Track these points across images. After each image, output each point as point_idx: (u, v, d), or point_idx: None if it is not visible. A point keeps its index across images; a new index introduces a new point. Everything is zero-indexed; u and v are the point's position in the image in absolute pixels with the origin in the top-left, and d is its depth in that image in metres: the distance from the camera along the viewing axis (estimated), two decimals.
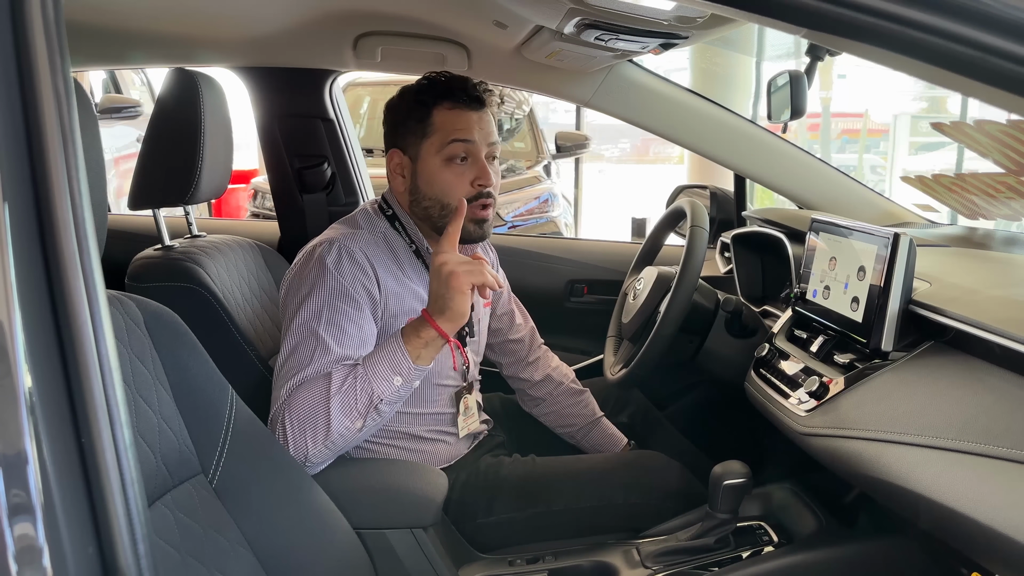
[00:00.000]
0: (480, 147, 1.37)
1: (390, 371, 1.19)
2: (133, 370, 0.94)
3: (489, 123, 1.40)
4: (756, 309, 1.66)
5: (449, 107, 1.36)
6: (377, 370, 1.19)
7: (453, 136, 1.35)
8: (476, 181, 1.36)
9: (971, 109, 5.39)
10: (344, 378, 1.19)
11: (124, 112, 4.05)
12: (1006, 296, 1.13)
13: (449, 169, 1.36)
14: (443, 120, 1.36)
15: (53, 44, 0.57)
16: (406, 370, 1.19)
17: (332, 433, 1.16)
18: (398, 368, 1.19)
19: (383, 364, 1.19)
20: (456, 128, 1.35)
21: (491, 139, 1.39)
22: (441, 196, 1.37)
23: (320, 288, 1.28)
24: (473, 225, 1.37)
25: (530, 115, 5.24)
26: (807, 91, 1.55)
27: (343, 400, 1.17)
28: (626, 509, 1.42)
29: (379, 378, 1.18)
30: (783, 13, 0.73)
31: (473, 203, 1.35)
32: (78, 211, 0.57)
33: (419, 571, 1.20)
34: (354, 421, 1.17)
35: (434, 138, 1.36)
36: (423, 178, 1.38)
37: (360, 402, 1.17)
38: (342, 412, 1.16)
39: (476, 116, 1.37)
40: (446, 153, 1.35)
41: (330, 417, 1.16)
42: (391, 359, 1.19)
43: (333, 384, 1.18)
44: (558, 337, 2.01)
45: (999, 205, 1.54)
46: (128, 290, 1.52)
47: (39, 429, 0.55)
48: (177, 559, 0.88)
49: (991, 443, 0.84)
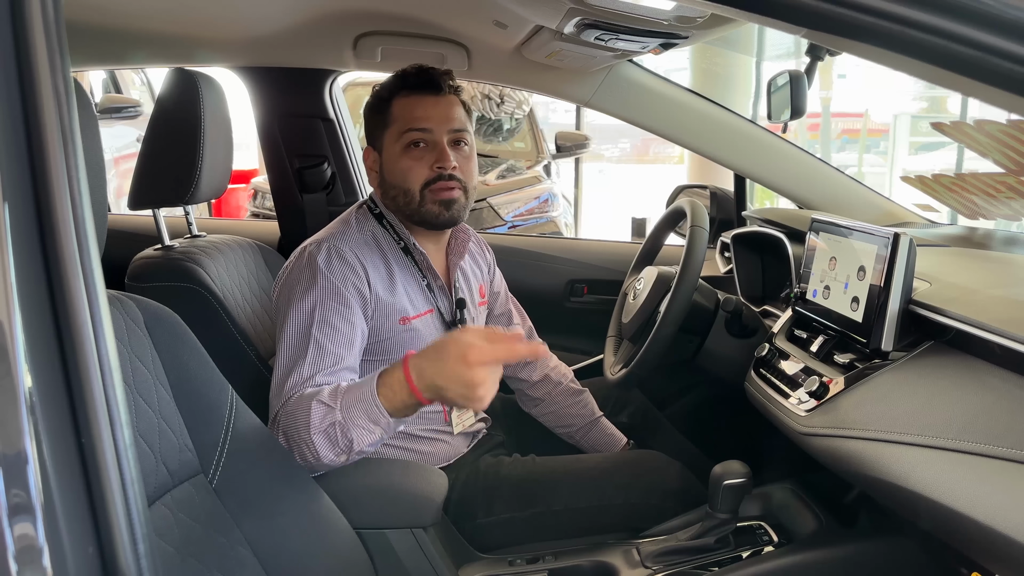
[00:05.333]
0: (439, 131, 1.37)
1: (368, 421, 1.11)
2: (133, 370, 0.94)
3: (449, 107, 1.39)
4: (756, 309, 1.66)
5: (406, 95, 1.39)
6: (356, 420, 1.11)
7: (409, 125, 1.37)
8: (435, 164, 1.36)
9: (971, 109, 5.40)
10: (323, 417, 1.12)
11: (124, 112, 4.04)
12: (1006, 296, 1.13)
13: (408, 155, 1.37)
14: (400, 109, 1.38)
15: (53, 44, 0.57)
16: (385, 423, 1.11)
17: (321, 460, 1.14)
18: (376, 420, 1.11)
19: (360, 413, 1.11)
20: (412, 116, 1.37)
21: (453, 125, 1.39)
22: (402, 182, 1.38)
23: (312, 288, 1.28)
24: (438, 207, 1.38)
25: (530, 115, 5.24)
26: (807, 91, 1.55)
27: (325, 438, 1.12)
28: (626, 509, 1.42)
29: (358, 427, 1.11)
30: (783, 13, 0.74)
31: (433, 185, 1.36)
32: (78, 211, 0.57)
33: (419, 571, 1.20)
34: (338, 455, 1.14)
35: (393, 128, 1.38)
36: (387, 168, 1.41)
37: (342, 443, 1.13)
38: (326, 448, 1.12)
39: (433, 101, 1.38)
40: (404, 140, 1.37)
41: (316, 450, 1.12)
42: (367, 410, 1.11)
43: (313, 420, 1.12)
44: (558, 337, 2.01)
45: (999, 205, 1.53)
46: (128, 290, 1.52)
47: (39, 429, 0.55)
48: (177, 559, 0.88)
49: (991, 443, 0.84)
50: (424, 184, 1.37)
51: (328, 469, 1.18)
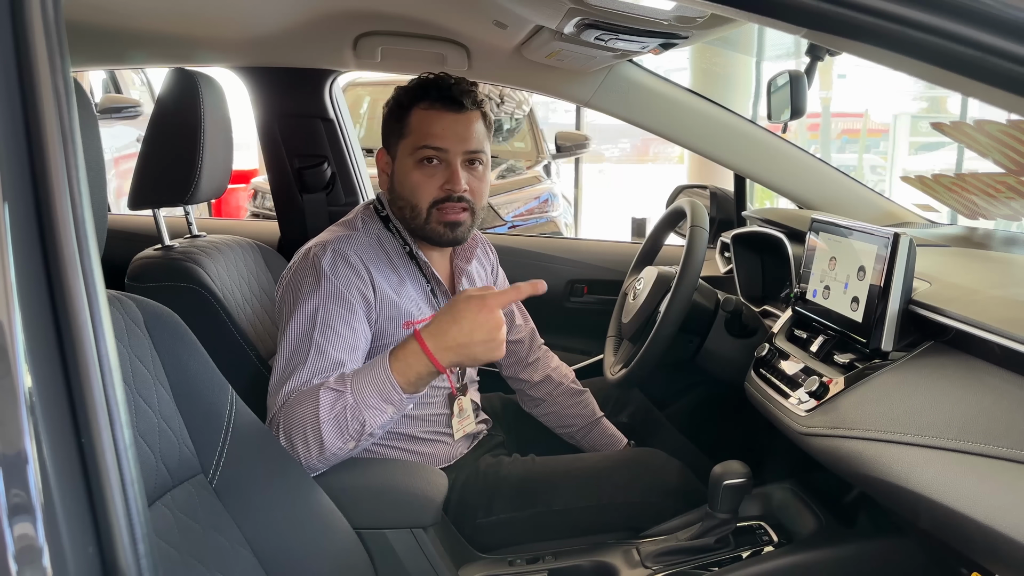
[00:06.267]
0: (454, 151, 1.34)
1: (381, 401, 1.13)
2: (133, 370, 0.94)
3: (468, 126, 1.36)
4: (756, 309, 1.66)
5: (425, 108, 1.36)
6: (368, 400, 1.13)
7: (425, 141, 1.34)
8: (445, 185, 1.35)
9: (971, 109, 5.40)
10: (333, 403, 1.13)
11: (124, 112, 4.05)
12: (1006, 296, 1.12)
13: (420, 170, 1.35)
14: (418, 122, 1.36)
15: (53, 44, 0.57)
16: (397, 400, 1.14)
17: (325, 452, 1.14)
18: (389, 398, 1.14)
19: (373, 394, 1.13)
20: (430, 132, 1.34)
21: (469, 145, 1.35)
22: (410, 196, 1.37)
23: (315, 291, 1.28)
24: (442, 228, 1.37)
25: (530, 115, 5.25)
26: (807, 91, 1.55)
27: (335, 425, 1.13)
28: (626, 508, 1.42)
29: (370, 408, 1.13)
30: (783, 13, 0.73)
31: (441, 205, 1.35)
32: (78, 211, 0.57)
33: (419, 571, 1.20)
34: (346, 443, 1.15)
35: (409, 139, 1.36)
36: (397, 178, 1.39)
37: (351, 427, 1.14)
38: (335, 435, 1.14)
39: (452, 118, 1.35)
40: (418, 155, 1.35)
41: (322, 438, 1.13)
42: (380, 388, 1.13)
43: (322, 408, 1.13)
44: (558, 337, 2.01)
45: (999, 205, 1.53)
46: (128, 290, 1.52)
47: (39, 429, 0.55)
48: (177, 559, 0.88)
49: (991, 443, 0.84)
50: (432, 203, 1.35)
51: (328, 464, 1.18)
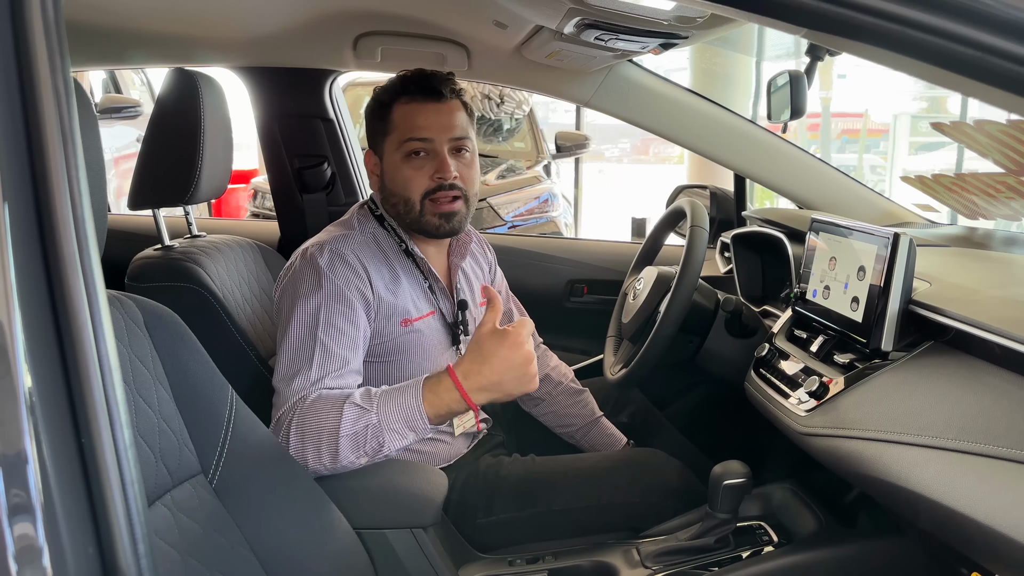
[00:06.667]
0: (439, 140, 1.36)
1: (405, 427, 1.16)
2: (133, 370, 0.94)
3: (451, 115, 1.37)
4: (756, 309, 1.66)
5: (407, 102, 1.37)
6: (392, 424, 1.15)
7: (410, 134, 1.35)
8: (435, 174, 1.36)
9: (971, 109, 5.40)
10: (356, 419, 1.15)
11: (124, 112, 4.05)
12: (1006, 296, 1.12)
13: (408, 164, 1.36)
14: (401, 116, 1.37)
15: (53, 44, 0.57)
16: (421, 428, 1.17)
17: (337, 463, 1.16)
18: (414, 425, 1.16)
19: (398, 419, 1.16)
20: (413, 124, 1.36)
21: (454, 133, 1.37)
22: (402, 191, 1.37)
23: (316, 291, 1.28)
24: (438, 219, 1.38)
25: (530, 115, 5.24)
26: (807, 91, 1.55)
27: (353, 440, 1.15)
28: (626, 508, 1.42)
29: (393, 432, 1.16)
30: (783, 13, 0.73)
31: (434, 195, 1.36)
32: (78, 211, 0.57)
33: (419, 571, 1.20)
34: (359, 458, 1.17)
35: (394, 135, 1.37)
36: (388, 175, 1.40)
37: (369, 445, 1.16)
38: (350, 450, 1.15)
39: (434, 108, 1.36)
40: (404, 149, 1.36)
41: (338, 451, 1.15)
42: (407, 415, 1.16)
43: (344, 422, 1.15)
44: (558, 337, 2.01)
45: (999, 205, 1.53)
46: (128, 290, 1.52)
47: (39, 429, 0.55)
48: (177, 559, 0.88)
49: (991, 443, 0.84)
50: (424, 194, 1.36)
51: (334, 473, 1.18)
